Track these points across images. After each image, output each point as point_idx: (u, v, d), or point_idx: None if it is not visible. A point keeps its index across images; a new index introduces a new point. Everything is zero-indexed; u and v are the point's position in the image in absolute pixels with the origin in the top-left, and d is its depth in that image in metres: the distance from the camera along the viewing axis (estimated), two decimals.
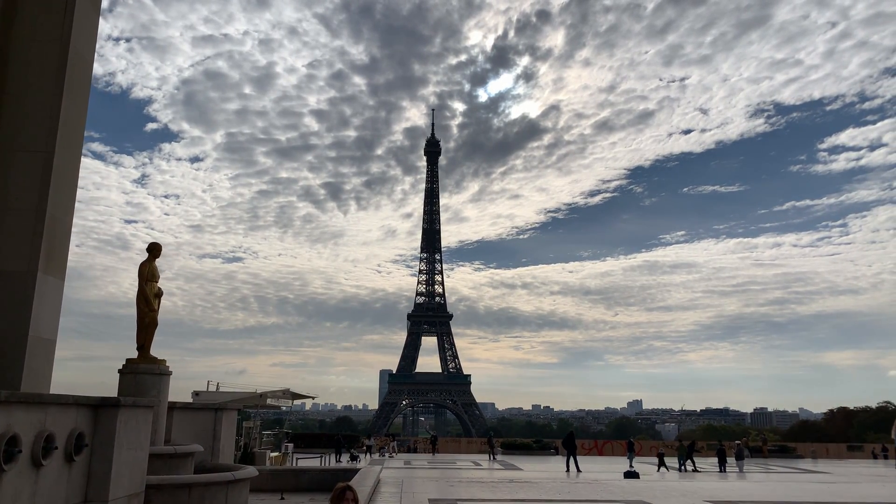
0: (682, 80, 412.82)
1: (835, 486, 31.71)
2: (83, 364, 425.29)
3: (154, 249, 15.67)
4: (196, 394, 26.36)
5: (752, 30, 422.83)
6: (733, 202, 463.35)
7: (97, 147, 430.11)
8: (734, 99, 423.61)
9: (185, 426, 15.86)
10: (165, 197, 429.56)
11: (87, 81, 12.88)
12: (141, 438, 11.38)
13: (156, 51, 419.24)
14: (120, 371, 14.41)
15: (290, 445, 32.13)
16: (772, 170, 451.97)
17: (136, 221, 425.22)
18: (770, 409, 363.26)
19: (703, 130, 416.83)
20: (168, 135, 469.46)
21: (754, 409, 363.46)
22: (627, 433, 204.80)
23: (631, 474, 33.90)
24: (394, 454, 54.69)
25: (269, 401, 26.77)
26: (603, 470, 41.79)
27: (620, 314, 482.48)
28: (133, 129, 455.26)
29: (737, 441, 54.44)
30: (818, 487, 31.37)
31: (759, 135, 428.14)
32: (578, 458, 40.42)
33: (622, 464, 48.50)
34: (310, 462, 32.03)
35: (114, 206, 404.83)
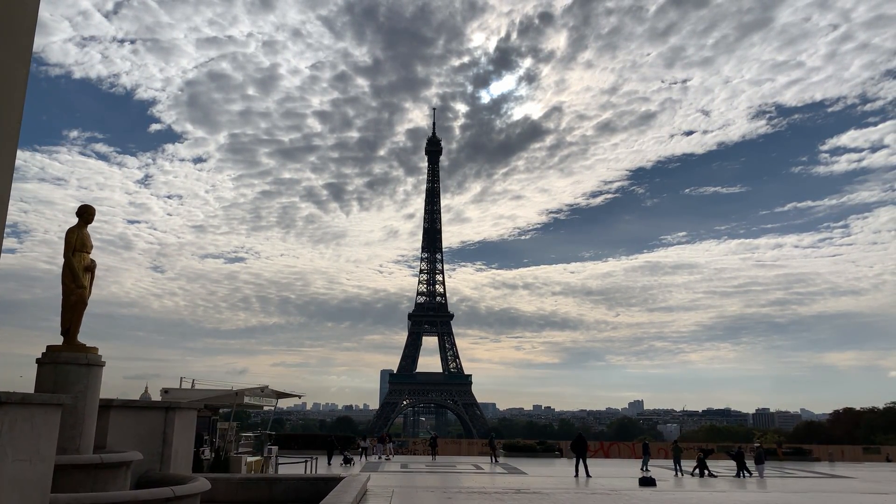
0: (684, 81, 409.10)
1: (887, 498, 28.90)
2: None
3: (85, 213, 12.82)
4: (165, 391, 23.56)
5: (754, 32, 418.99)
6: (735, 203, 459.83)
7: (101, 148, 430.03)
8: (736, 100, 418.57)
9: (127, 429, 13.04)
10: (168, 197, 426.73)
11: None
12: (41, 446, 8.61)
13: (160, 52, 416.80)
14: (38, 361, 11.61)
15: (275, 449, 29.34)
16: (773, 171, 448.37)
17: (139, 222, 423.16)
18: (772, 410, 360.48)
19: (705, 132, 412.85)
20: (172, 136, 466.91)
21: (756, 410, 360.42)
22: (629, 434, 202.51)
23: (647, 481, 31.02)
24: (390, 456, 51.84)
25: (246, 399, 23.90)
26: (614, 475, 38.93)
27: (622, 315, 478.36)
28: (137, 130, 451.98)
29: (756, 444, 51.55)
30: (863, 500, 28.57)
31: (760, 136, 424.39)
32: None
33: (631, 467, 45.65)
34: (293, 468, 29.30)
35: (117, 207, 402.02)
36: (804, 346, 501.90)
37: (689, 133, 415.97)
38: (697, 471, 39.05)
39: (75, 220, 13.24)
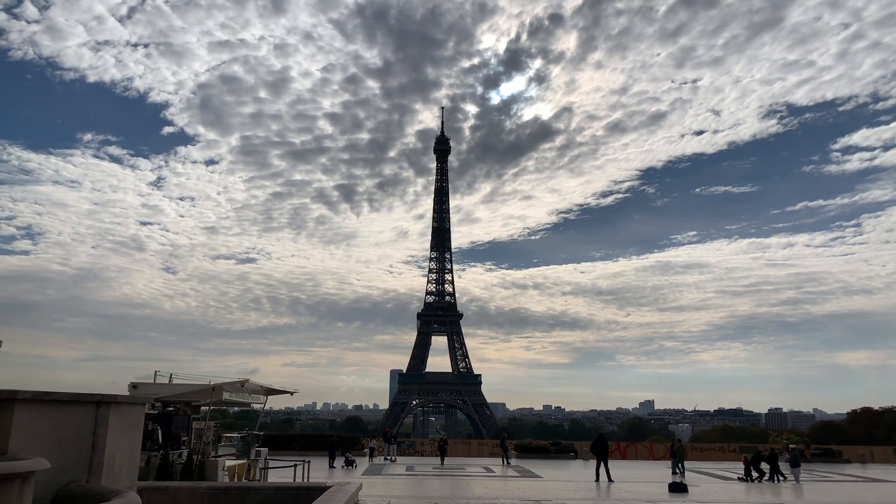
0: (695, 81, 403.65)
1: None
2: (97, 364, 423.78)
3: None
4: (134, 386, 20.70)
5: (765, 31, 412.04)
6: (745, 203, 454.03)
7: (114, 150, 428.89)
8: (746, 100, 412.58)
9: (40, 430, 10.15)
10: (181, 199, 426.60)
11: None
12: None
13: (173, 56, 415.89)
14: None
15: (264, 451, 26.42)
16: (784, 170, 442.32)
17: (151, 223, 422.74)
18: (785, 410, 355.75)
19: (716, 131, 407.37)
20: (184, 138, 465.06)
21: (769, 410, 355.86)
22: (641, 434, 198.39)
23: (678, 487, 27.93)
24: (394, 458, 48.88)
25: (228, 395, 20.99)
26: (637, 478, 35.82)
27: (632, 314, 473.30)
28: (150, 132, 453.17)
29: (791, 445, 48.20)
30: None
31: (771, 136, 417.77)
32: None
33: (651, 469, 42.52)
34: (285, 473, 26.43)
35: (129, 209, 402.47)
36: (816, 346, 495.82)
37: (700, 133, 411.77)
38: (765, 474, 36.39)
39: (90, 222, 10.29)
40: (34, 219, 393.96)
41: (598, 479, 32.94)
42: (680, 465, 40.07)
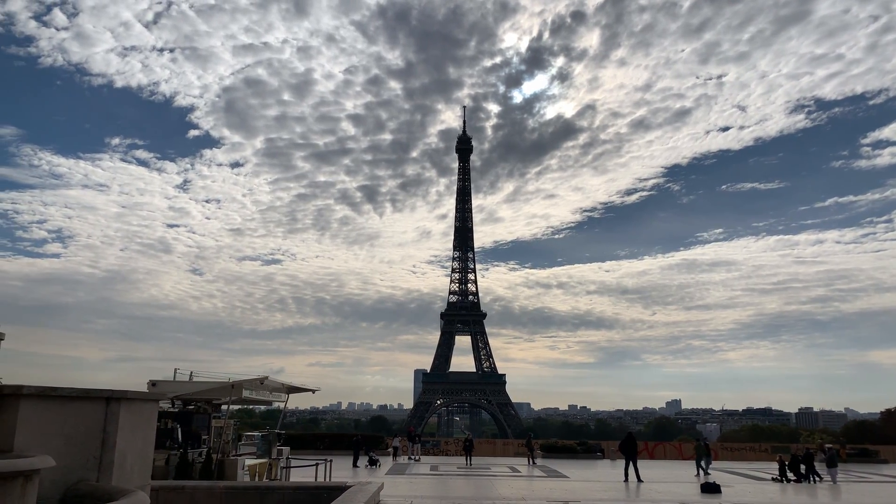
0: (720, 77, 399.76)
1: None
2: (126, 364, 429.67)
3: None
4: (153, 384, 20.40)
5: (792, 25, 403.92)
6: (773, 199, 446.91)
7: (141, 154, 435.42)
8: (773, 95, 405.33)
9: (47, 427, 9.77)
10: (207, 201, 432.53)
11: None
12: None
13: (198, 60, 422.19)
14: None
15: (286, 450, 26.04)
16: (813, 166, 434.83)
17: (178, 226, 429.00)
18: (816, 409, 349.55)
19: (742, 127, 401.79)
20: (209, 141, 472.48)
21: (799, 409, 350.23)
22: (668, 433, 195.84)
23: (710, 488, 27.04)
24: (418, 457, 48.38)
25: (248, 393, 20.62)
26: (666, 478, 34.92)
27: (658, 313, 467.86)
28: (176, 136, 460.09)
29: (827, 445, 46.82)
30: None
31: (799, 131, 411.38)
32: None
33: (680, 469, 41.49)
34: (307, 472, 25.99)
35: (157, 211, 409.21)
36: (847, 344, 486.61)
37: (725, 129, 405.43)
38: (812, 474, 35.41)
39: (118, 225, 9.90)
40: (64, 222, 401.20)
41: (626, 480, 32.12)
42: (702, 465, 39.17)
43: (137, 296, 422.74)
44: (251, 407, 48.98)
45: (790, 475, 35.50)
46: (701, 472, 37.57)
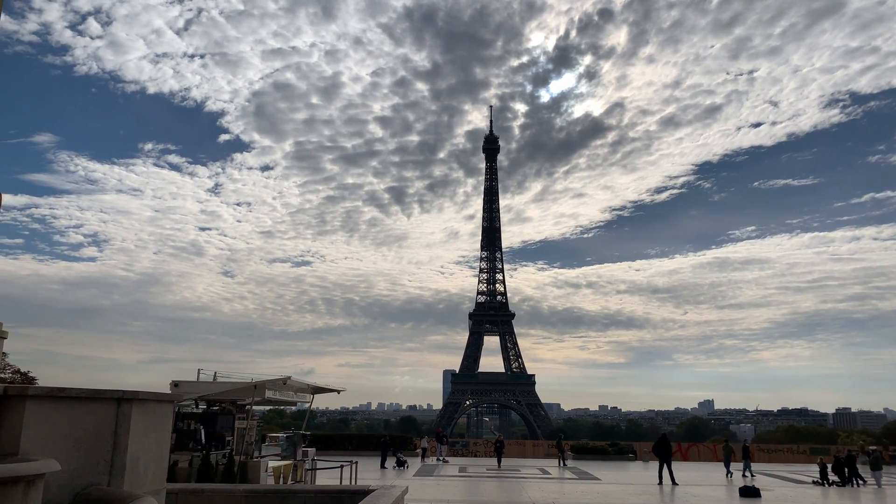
0: (751, 72, 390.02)
1: None
2: (160, 366, 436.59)
3: None
4: (175, 384, 20.12)
5: (825, 18, 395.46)
6: (807, 195, 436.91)
7: (173, 159, 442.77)
8: (806, 90, 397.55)
9: (55, 429, 9.37)
10: (238, 204, 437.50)
11: None
12: None
13: (228, 65, 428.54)
14: None
15: (311, 451, 25.64)
16: (848, 161, 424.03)
17: (210, 229, 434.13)
18: (854, 410, 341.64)
19: (774, 123, 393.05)
20: (240, 145, 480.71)
21: (836, 410, 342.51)
22: (701, 434, 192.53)
23: (749, 491, 26.02)
24: (446, 458, 47.81)
25: (271, 394, 20.23)
26: (702, 481, 33.86)
27: (690, 312, 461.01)
28: (207, 140, 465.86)
29: (871, 447, 45.22)
30: None
31: (833, 125, 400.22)
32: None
33: (718, 471, 40.27)
34: (330, 473, 25.57)
35: (189, 215, 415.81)
36: (886, 343, 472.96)
37: (757, 125, 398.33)
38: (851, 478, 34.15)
39: (152, 229, 9.54)
40: (100, 227, 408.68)
41: (661, 482, 31.19)
42: (731, 466, 38.30)
43: (171, 298, 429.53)
44: (282, 407, 48.89)
45: (832, 478, 34.21)
46: (730, 473, 36.83)
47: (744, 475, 35.89)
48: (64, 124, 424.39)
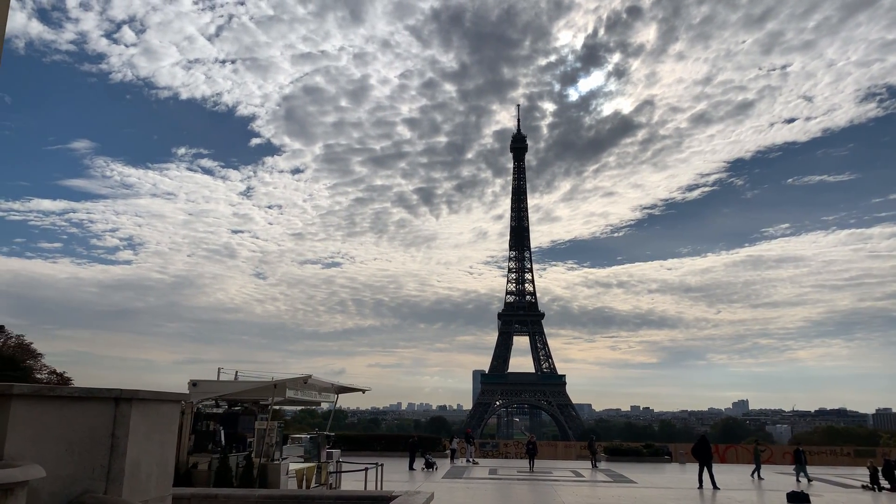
0: (784, 67, 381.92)
1: None
2: (194, 367, 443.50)
3: None
4: (194, 384, 19.40)
5: (860, 11, 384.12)
6: (843, 192, 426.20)
7: (206, 163, 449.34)
8: (842, 84, 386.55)
9: (45, 431, 8.59)
10: (269, 207, 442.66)
11: None
12: None
13: (258, 70, 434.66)
14: None
15: (336, 453, 24.83)
16: (887, 156, 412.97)
17: (242, 231, 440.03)
18: (894, 410, 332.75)
19: (808, 118, 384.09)
20: (271, 149, 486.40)
21: (876, 410, 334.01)
22: (736, 435, 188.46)
23: (798, 497, 24.54)
24: (475, 460, 46.76)
25: (292, 393, 19.42)
26: (743, 484, 32.33)
27: (723, 311, 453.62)
28: (238, 144, 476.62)
29: None
30: None
31: (870, 120, 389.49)
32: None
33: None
34: (356, 475, 24.70)
35: (222, 218, 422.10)
36: None
37: (791, 120, 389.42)
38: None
39: (185, 232, 8.76)
40: (135, 230, 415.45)
41: (701, 486, 29.79)
42: (757, 469, 36.91)
43: (204, 300, 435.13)
44: (313, 408, 48.37)
45: (883, 482, 32.42)
46: (756, 475, 36.09)
47: (798, 480, 34.25)
48: (100, 131, 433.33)
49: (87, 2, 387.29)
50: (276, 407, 23.94)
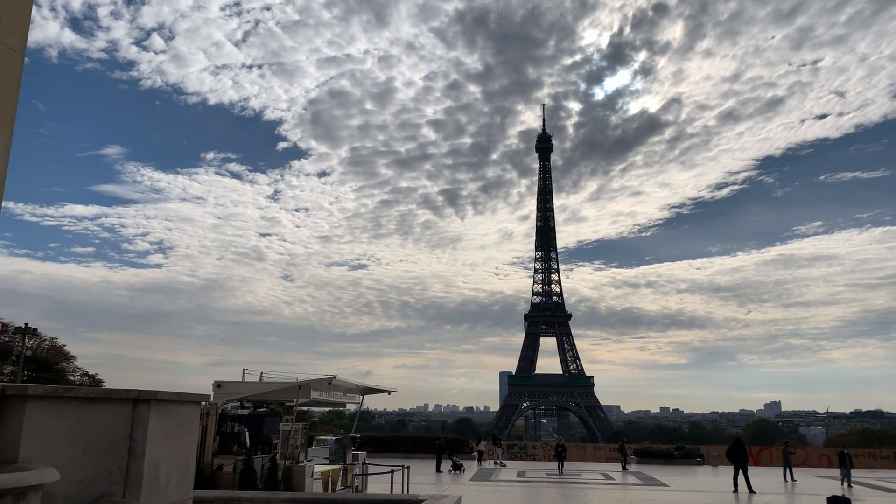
0: (814, 63, 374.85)
1: None
2: (223, 369, 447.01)
3: None
4: (218, 385, 19.24)
5: (893, 4, 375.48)
6: (878, 188, 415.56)
7: (234, 167, 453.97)
8: (875, 79, 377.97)
9: (61, 434, 8.34)
10: (296, 210, 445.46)
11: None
12: None
13: (285, 75, 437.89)
14: None
15: (361, 455, 24.53)
16: None
17: (270, 234, 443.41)
18: None
19: (841, 114, 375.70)
20: (297, 152, 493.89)
21: None
22: (768, 437, 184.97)
23: (838, 501, 23.66)
24: (503, 462, 46.26)
25: (316, 394, 19.16)
26: (780, 488, 31.42)
27: (754, 311, 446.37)
28: (266, 148, 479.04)
29: None
30: None
31: None
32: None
33: (796, 477, 37.54)
34: (383, 478, 24.40)
35: (250, 221, 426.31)
36: None
37: (822, 117, 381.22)
38: None
39: (214, 235, 8.57)
40: (165, 234, 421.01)
41: (736, 490, 28.97)
42: (789, 470, 36.34)
43: (233, 302, 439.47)
44: (341, 409, 48.21)
45: None
46: (790, 478, 35.49)
47: (842, 484, 33.18)
48: (130, 136, 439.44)
49: (118, 10, 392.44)
50: (304, 408, 23.77)
